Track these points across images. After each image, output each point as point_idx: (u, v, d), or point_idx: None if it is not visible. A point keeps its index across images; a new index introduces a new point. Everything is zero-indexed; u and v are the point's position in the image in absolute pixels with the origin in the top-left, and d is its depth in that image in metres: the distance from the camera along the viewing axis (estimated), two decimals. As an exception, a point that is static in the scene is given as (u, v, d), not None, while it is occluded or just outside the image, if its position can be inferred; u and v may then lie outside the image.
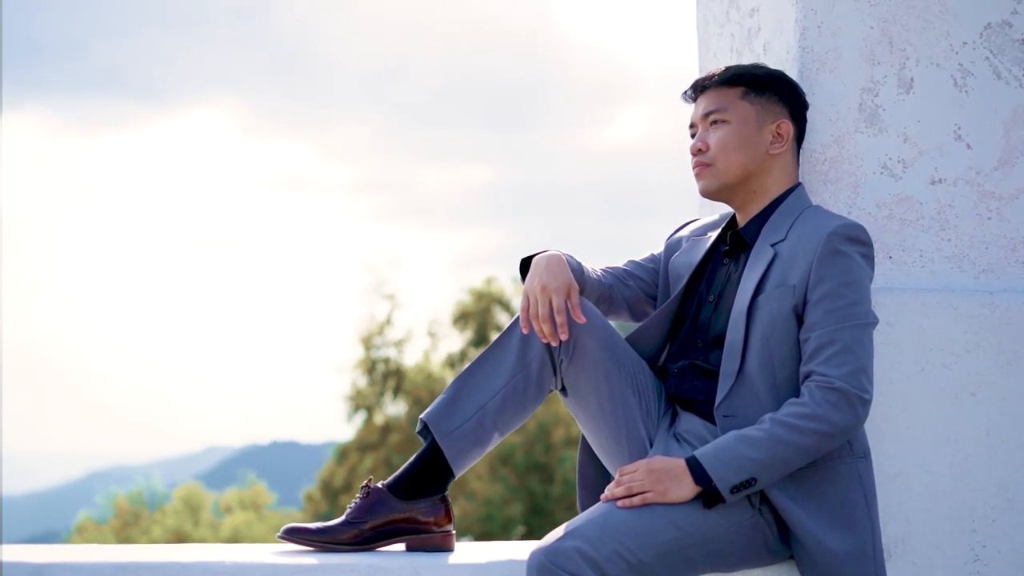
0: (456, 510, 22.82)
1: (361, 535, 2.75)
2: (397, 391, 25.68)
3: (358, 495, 2.79)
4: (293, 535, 2.76)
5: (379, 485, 2.78)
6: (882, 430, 2.85)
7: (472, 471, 22.95)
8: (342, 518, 2.78)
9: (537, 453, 22.81)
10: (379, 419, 25.42)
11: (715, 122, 2.78)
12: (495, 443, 2.80)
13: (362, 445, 24.91)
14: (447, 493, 2.81)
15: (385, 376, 25.87)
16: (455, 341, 26.02)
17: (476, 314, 25.60)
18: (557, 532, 2.48)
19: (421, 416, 2.79)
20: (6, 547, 2.63)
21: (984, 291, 2.97)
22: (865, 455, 2.63)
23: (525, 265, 2.83)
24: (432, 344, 26.17)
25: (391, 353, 26.09)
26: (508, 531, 22.21)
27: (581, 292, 2.82)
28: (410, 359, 26.14)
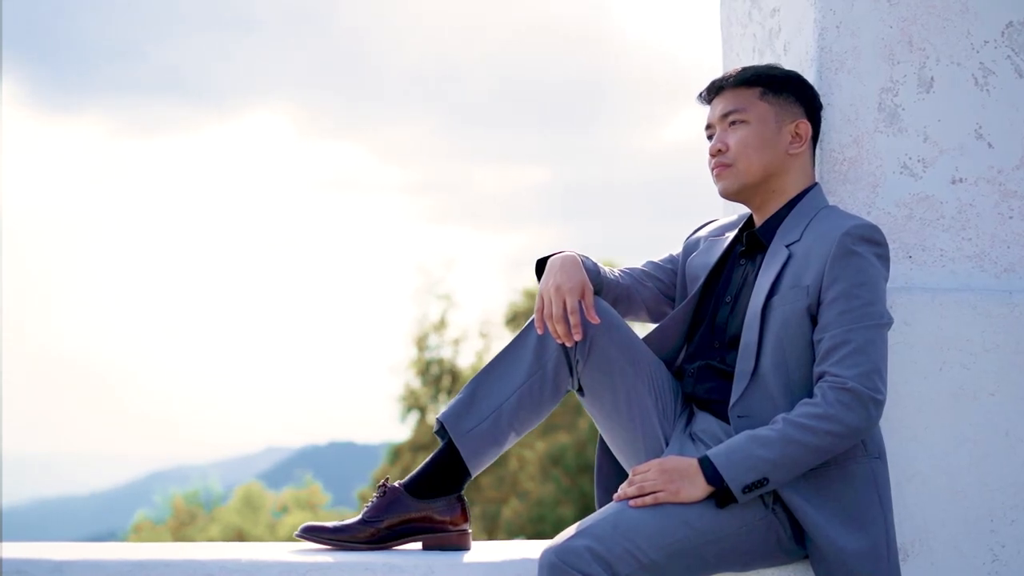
0: (508, 511, 22.75)
1: (377, 534, 2.77)
2: (451, 391, 25.75)
3: (375, 494, 2.81)
4: (310, 533, 2.78)
5: (396, 484, 2.80)
6: (900, 430, 2.84)
7: (524, 471, 22.94)
8: (359, 517, 2.79)
9: (589, 454, 22.76)
10: (432, 419, 25.50)
11: (734, 122, 2.78)
12: (512, 443, 2.82)
13: (415, 446, 24.98)
14: (463, 492, 2.83)
15: (439, 376, 25.93)
16: (507, 342, 26.01)
17: (528, 314, 25.61)
18: (569, 531, 2.49)
19: (438, 416, 2.82)
20: (26, 545, 2.68)
21: (1003, 290, 2.95)
22: (880, 455, 2.62)
23: (541, 267, 2.84)
24: (485, 345, 26.21)
25: (445, 353, 26.15)
26: (560, 532, 22.17)
27: (598, 293, 2.83)
28: (464, 360, 26.19)
